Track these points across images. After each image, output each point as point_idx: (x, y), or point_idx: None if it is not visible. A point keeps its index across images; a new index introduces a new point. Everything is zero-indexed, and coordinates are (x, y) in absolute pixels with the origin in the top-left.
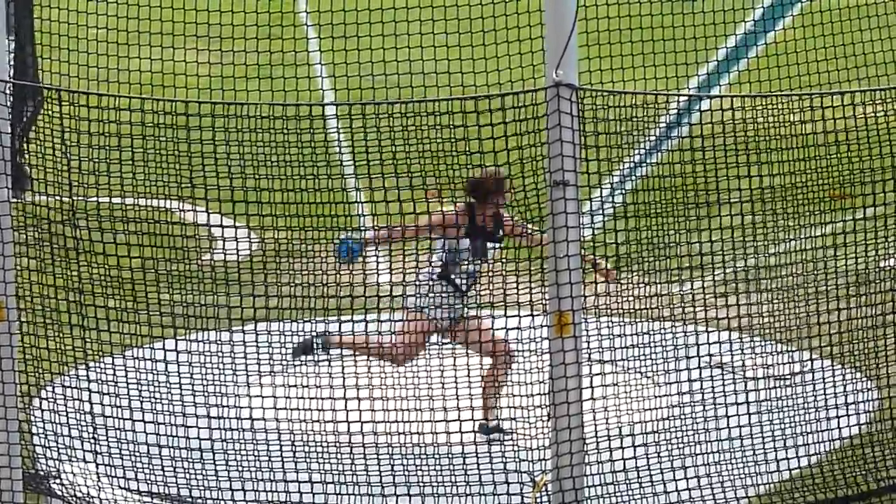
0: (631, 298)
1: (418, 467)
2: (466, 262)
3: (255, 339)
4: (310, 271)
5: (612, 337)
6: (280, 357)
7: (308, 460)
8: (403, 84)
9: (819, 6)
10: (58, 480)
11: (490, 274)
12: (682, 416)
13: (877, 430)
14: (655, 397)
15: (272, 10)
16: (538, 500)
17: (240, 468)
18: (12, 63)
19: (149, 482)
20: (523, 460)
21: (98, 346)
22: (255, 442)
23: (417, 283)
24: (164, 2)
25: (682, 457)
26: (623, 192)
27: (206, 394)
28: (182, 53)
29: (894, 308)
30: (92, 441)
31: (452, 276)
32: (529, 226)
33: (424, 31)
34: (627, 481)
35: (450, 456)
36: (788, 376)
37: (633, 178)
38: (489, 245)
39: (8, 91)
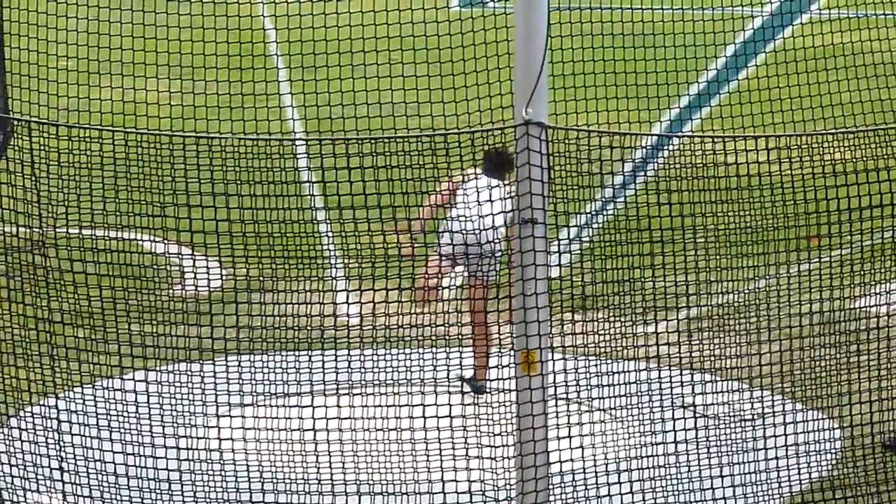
0: (597, 337)
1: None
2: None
3: (226, 371)
4: (279, 302)
5: (577, 374)
6: (250, 389)
7: (276, 492)
8: (372, 119)
9: (784, 45)
10: None
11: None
12: (648, 455)
13: (840, 472)
14: (620, 435)
15: (242, 41)
16: None
17: (207, 501)
18: None
19: None
20: (491, 499)
21: (66, 377)
22: (224, 475)
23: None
24: (135, 32)
25: (642, 491)
26: (591, 230)
27: (175, 425)
28: (147, 83)
29: (859, 349)
30: (59, 471)
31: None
32: None
33: (395, 67)
34: None
35: (418, 493)
36: (752, 416)
37: (603, 214)
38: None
39: None
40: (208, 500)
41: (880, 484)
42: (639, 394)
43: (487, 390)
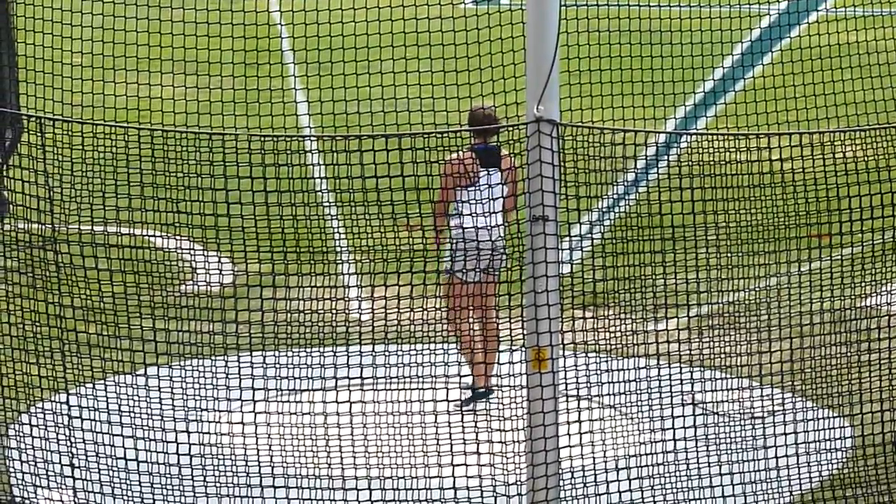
0: (608, 334)
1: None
2: (486, 210)
3: (238, 369)
4: (289, 298)
5: (588, 372)
6: (262, 386)
7: (287, 486)
8: (387, 114)
9: (801, 43)
10: None
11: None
12: (658, 452)
13: (851, 469)
14: (630, 433)
15: (258, 36)
16: None
17: (219, 497)
18: None
19: None
20: (501, 495)
21: (77, 374)
22: (236, 473)
23: (451, 248)
24: (150, 28)
25: (651, 487)
26: (602, 227)
27: (187, 420)
28: (163, 79)
29: (870, 346)
30: (71, 467)
31: (479, 228)
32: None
33: (408, 63)
34: None
35: (429, 488)
36: (761, 414)
37: (614, 212)
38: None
39: None
40: (220, 495)
41: (891, 482)
42: (649, 391)
43: (495, 387)
